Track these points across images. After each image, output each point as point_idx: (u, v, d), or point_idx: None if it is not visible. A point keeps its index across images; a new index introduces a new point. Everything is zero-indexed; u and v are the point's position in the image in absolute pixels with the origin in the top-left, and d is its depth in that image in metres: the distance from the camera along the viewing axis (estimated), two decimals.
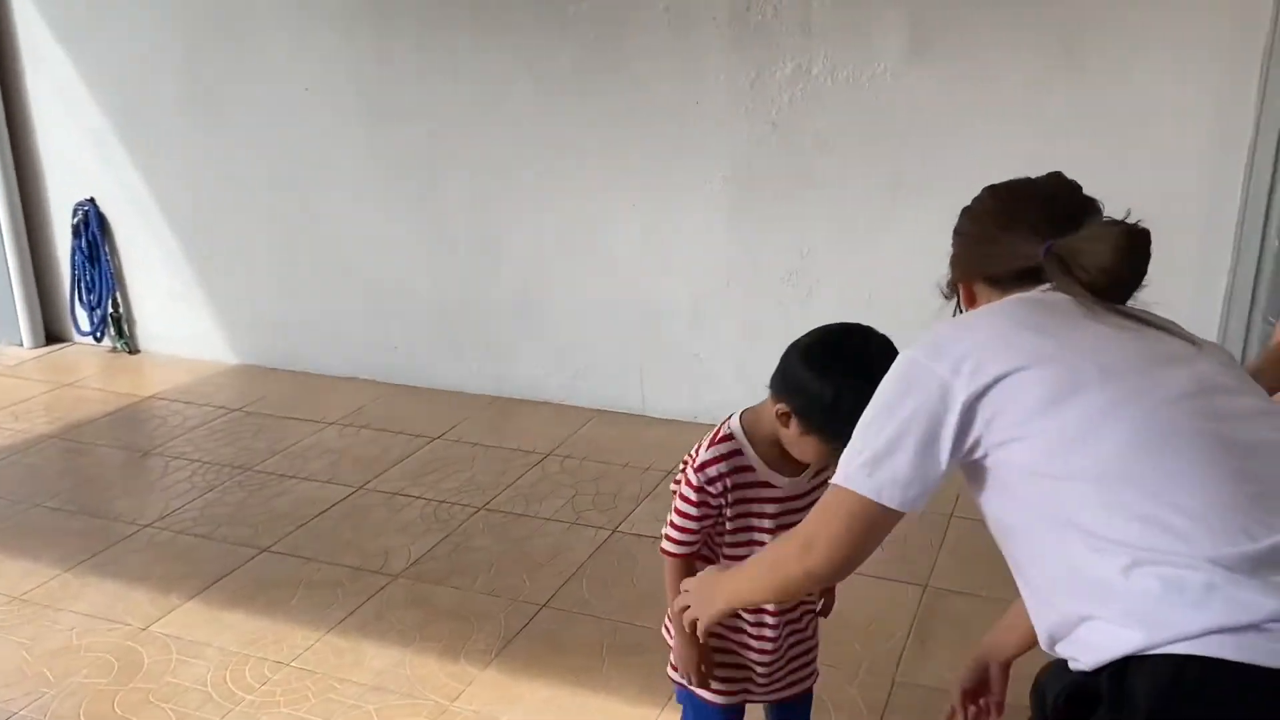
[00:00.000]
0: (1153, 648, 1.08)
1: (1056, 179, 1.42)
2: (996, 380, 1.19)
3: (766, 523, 1.64)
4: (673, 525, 1.64)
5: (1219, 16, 2.98)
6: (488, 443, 3.81)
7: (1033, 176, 1.43)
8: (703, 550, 1.66)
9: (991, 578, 1.31)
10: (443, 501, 3.36)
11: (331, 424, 4.00)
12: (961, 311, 1.46)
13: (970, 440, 1.22)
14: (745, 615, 1.68)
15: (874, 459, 1.23)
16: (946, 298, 1.49)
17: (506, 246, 4.05)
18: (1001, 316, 1.30)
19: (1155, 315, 1.31)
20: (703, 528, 1.63)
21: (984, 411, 1.20)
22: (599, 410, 4.04)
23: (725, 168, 3.64)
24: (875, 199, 3.48)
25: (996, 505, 1.27)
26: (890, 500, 1.23)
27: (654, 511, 3.18)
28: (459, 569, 2.95)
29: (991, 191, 1.45)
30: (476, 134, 3.94)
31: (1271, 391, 1.53)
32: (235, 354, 4.69)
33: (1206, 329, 3.07)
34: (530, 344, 4.14)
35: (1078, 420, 1.17)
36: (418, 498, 3.39)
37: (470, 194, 4.03)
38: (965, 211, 1.47)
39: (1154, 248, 1.27)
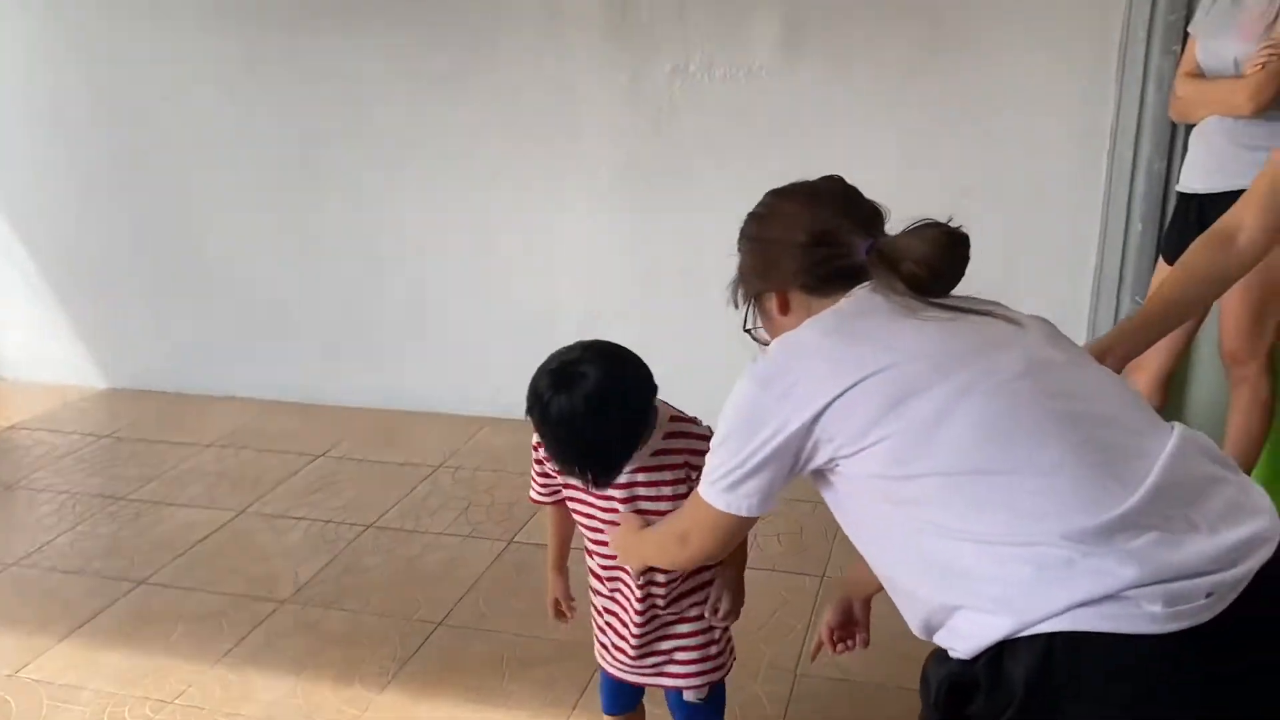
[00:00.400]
0: (1022, 630, 1.10)
1: (841, 182, 1.43)
2: (832, 400, 1.22)
3: (590, 500, 1.69)
4: (531, 474, 1.80)
5: (1078, 12, 3.08)
6: (374, 458, 3.70)
7: (810, 179, 1.44)
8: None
9: None
10: (329, 521, 3.25)
11: (209, 446, 3.84)
12: (758, 319, 1.46)
13: (818, 459, 1.26)
14: (604, 585, 1.77)
15: (721, 479, 1.33)
16: (736, 307, 1.48)
17: (388, 254, 3.95)
18: (826, 334, 1.30)
19: (975, 300, 1.34)
20: (547, 483, 1.77)
21: (823, 431, 1.24)
22: (492, 419, 3.97)
23: (611, 167, 3.61)
24: (759, 195, 3.49)
25: (851, 510, 1.31)
26: (738, 510, 1.33)
27: None
28: (349, 591, 2.86)
29: (785, 196, 1.44)
30: (352, 139, 3.84)
31: (1118, 369, 1.58)
32: (104, 378, 4.48)
33: (1078, 311, 3.21)
34: (416, 354, 4.04)
35: (920, 420, 1.19)
36: (303, 519, 3.27)
37: (348, 201, 3.92)
38: (759, 219, 1.45)
39: (1028, 235, 1.29)
